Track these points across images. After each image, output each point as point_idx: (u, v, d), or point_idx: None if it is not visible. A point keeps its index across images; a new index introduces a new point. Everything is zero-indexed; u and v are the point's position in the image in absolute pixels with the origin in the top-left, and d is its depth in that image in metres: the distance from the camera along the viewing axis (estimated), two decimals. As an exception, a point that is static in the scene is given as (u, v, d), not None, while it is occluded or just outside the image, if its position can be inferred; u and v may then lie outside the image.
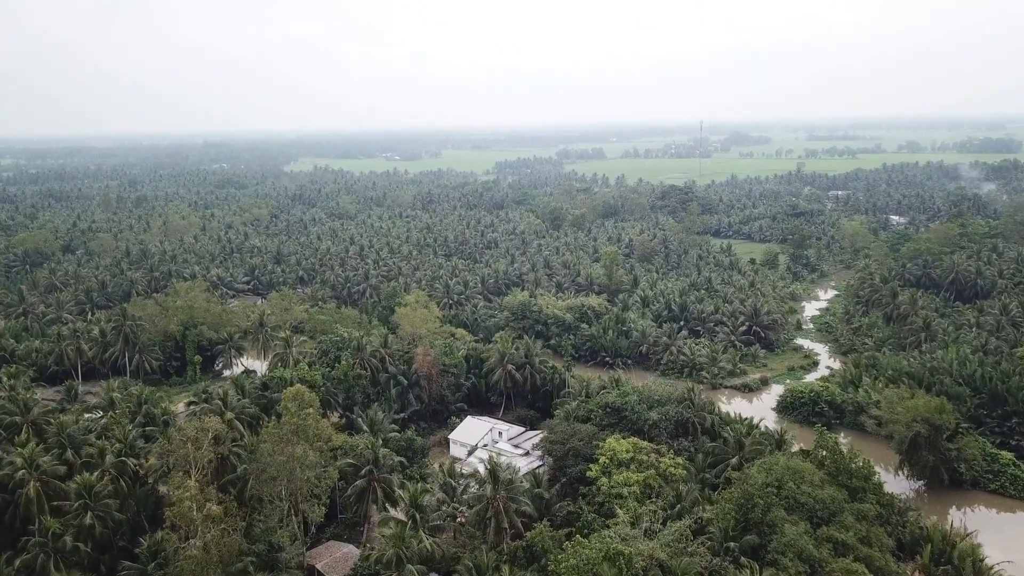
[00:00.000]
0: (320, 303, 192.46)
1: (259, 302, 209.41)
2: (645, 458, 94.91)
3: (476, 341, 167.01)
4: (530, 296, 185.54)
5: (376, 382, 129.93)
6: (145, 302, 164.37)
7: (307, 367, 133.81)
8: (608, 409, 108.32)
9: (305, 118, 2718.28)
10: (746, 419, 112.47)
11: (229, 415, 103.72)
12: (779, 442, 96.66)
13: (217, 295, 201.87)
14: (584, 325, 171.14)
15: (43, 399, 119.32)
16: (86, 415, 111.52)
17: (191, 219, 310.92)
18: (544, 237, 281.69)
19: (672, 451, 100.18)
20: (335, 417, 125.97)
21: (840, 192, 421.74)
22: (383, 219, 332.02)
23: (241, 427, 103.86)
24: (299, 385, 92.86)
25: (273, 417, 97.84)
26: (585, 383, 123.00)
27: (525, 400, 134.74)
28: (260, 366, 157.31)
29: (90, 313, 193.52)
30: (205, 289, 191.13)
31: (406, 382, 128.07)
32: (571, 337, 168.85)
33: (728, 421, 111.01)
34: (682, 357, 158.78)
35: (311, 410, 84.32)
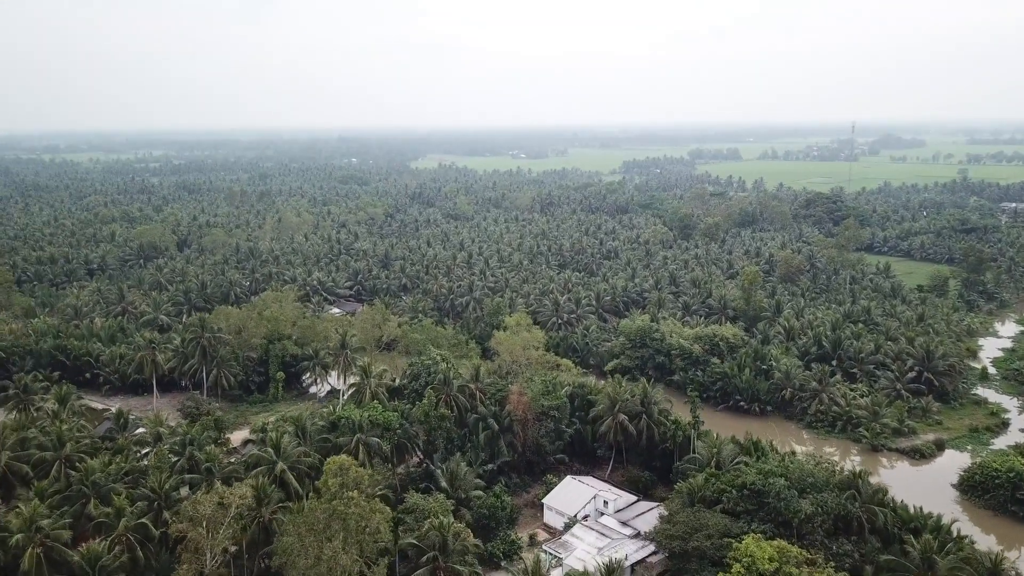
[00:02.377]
0: (420, 315, 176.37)
1: (359, 310, 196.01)
2: (795, 572, 70.86)
3: (585, 373, 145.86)
4: (652, 320, 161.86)
5: (463, 423, 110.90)
6: (230, 310, 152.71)
7: (385, 400, 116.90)
8: (745, 492, 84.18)
9: (441, 113, 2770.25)
10: (933, 516, 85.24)
11: (281, 466, 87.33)
12: (993, 573, 69.56)
13: (315, 301, 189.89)
14: (715, 359, 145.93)
15: (97, 423, 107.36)
16: (135, 446, 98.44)
17: (305, 216, 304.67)
18: (671, 248, 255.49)
19: (831, 561, 75.27)
20: (413, 462, 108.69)
21: (1015, 204, 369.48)
22: (498, 222, 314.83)
23: (295, 481, 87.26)
24: (344, 457, 74.48)
25: (311, 487, 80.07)
26: (715, 448, 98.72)
27: (639, 456, 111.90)
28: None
29: (186, 315, 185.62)
30: (297, 298, 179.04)
31: (497, 427, 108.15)
32: (698, 373, 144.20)
33: (909, 518, 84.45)
34: (835, 408, 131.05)
35: (355, 494, 65.45)
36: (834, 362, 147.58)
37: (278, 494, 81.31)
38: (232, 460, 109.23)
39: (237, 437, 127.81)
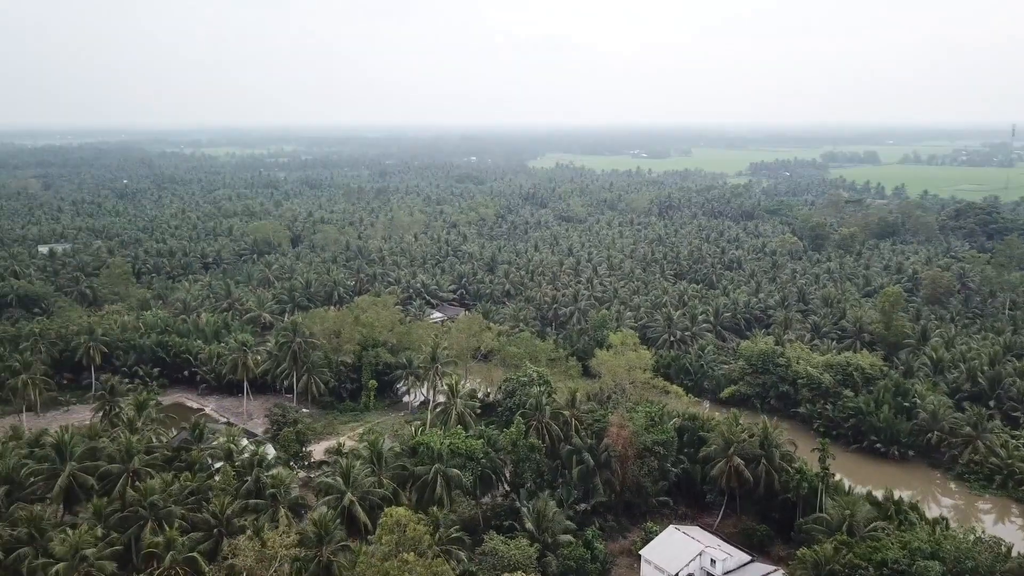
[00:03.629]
0: (521, 324, 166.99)
1: (460, 315, 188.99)
2: None
3: (697, 400, 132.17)
4: (776, 343, 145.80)
5: (555, 454, 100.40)
6: (325, 314, 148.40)
7: (473, 421, 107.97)
8: (886, 572, 69.44)
9: (562, 112, 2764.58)
10: None
11: (349, 498, 79.60)
12: None
13: (416, 304, 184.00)
14: (848, 392, 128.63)
15: (185, 424, 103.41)
16: (209, 458, 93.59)
17: (417, 216, 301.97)
18: (800, 260, 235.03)
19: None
20: (499, 492, 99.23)
21: None
22: (611, 226, 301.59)
23: (363, 514, 79.35)
24: (402, 511, 65.56)
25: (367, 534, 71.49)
26: (848, 509, 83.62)
27: (755, 505, 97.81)
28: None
29: (289, 313, 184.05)
30: (399, 300, 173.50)
31: (592, 462, 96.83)
32: (828, 407, 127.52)
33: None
34: (992, 459, 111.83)
35: (412, 557, 56.13)
36: (992, 403, 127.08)
37: (340, 533, 73.47)
38: (313, 476, 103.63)
39: (323, 447, 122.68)
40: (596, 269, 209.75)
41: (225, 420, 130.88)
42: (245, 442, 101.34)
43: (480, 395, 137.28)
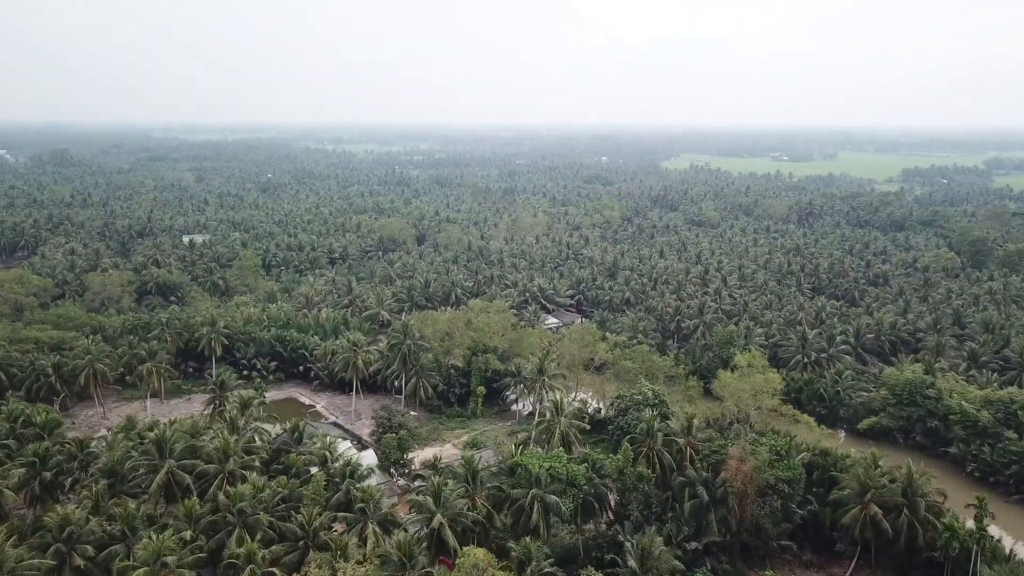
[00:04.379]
0: (639, 336, 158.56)
1: (576, 322, 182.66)
2: None
3: (830, 432, 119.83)
4: (926, 371, 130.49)
5: (666, 485, 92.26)
6: (437, 316, 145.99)
7: (578, 440, 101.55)
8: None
9: (698, 112, 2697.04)
10: None
11: (439, 519, 75.24)
12: None
13: (532, 309, 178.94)
14: (1010, 433, 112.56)
15: (297, 421, 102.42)
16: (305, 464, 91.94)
17: (540, 217, 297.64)
18: (957, 278, 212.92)
19: None
20: (602, 522, 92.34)
21: None
22: (745, 232, 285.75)
23: (453, 539, 74.74)
24: (481, 553, 60.39)
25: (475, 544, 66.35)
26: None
27: (894, 560, 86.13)
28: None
29: (406, 312, 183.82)
30: (514, 304, 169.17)
31: (707, 497, 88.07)
32: (985, 448, 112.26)
33: None
34: None
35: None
36: None
37: (424, 559, 69.14)
38: (414, 485, 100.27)
39: (429, 454, 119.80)
40: (726, 279, 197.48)
41: (332, 420, 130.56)
42: (343, 448, 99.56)
43: (591, 409, 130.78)
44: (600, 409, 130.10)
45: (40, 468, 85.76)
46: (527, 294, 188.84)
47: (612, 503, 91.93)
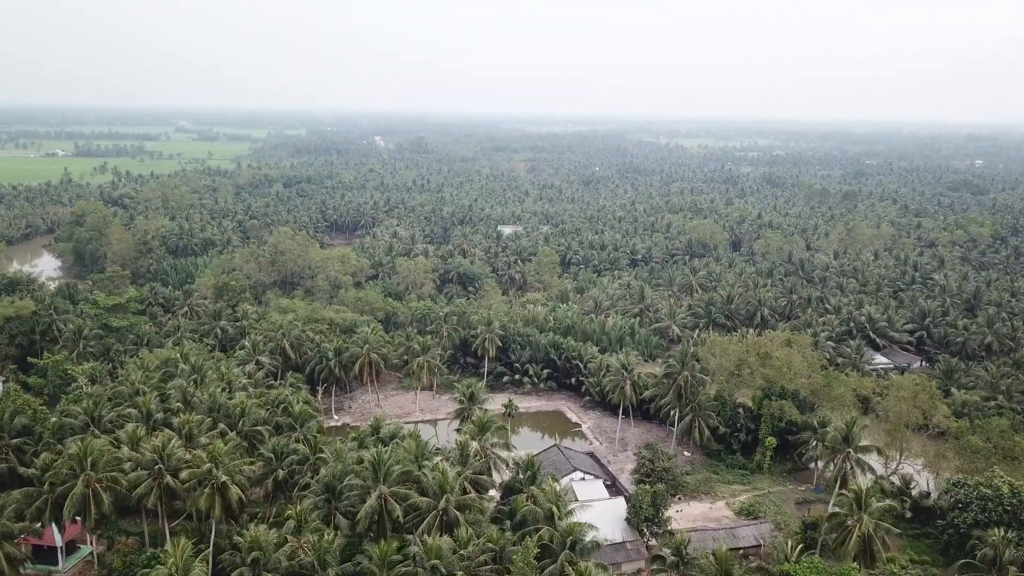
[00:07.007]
0: (1001, 398, 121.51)
1: (913, 366, 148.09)
2: None
3: None
4: None
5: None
6: (727, 344, 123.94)
7: (879, 551, 75.24)
8: None
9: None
10: None
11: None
12: None
13: (854, 344, 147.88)
14: None
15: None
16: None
17: (883, 228, 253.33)
18: None
19: None
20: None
21: None
22: None
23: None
24: None
25: None
26: None
27: None
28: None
29: (700, 330, 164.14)
30: (833, 335, 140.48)
31: None
32: None
33: None
34: None
35: None
36: None
37: None
38: (663, 553, 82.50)
39: (694, 510, 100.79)
40: None
41: (590, 448, 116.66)
42: (584, 492, 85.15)
43: (916, 489, 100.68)
44: (929, 493, 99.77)
45: (276, 465, 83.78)
46: (851, 323, 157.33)
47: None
